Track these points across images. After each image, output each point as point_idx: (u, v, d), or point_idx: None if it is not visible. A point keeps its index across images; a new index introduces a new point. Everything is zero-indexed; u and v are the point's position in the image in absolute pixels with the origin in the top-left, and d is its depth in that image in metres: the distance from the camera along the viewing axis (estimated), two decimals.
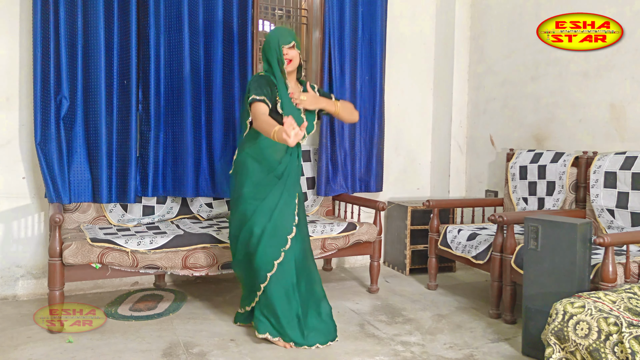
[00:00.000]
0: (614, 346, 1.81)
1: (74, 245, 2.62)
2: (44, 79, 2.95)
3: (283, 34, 2.61)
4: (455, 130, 4.17)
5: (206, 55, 3.29)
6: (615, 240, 2.25)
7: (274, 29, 2.71)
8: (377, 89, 3.89)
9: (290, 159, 2.63)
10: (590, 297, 2.00)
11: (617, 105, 3.10)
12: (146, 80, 3.18)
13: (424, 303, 3.22)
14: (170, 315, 2.91)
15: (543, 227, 2.37)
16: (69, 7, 3.00)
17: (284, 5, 4.00)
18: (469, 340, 2.64)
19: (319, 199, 3.79)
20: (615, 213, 2.87)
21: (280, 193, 2.57)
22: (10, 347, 2.45)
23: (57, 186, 2.97)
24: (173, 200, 3.39)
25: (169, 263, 2.79)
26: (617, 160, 2.93)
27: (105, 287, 3.37)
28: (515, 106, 3.78)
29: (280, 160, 2.59)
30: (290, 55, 2.60)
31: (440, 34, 4.26)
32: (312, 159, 3.79)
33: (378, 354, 2.45)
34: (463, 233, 3.27)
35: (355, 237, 3.29)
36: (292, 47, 2.61)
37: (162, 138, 3.25)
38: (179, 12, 3.20)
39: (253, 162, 2.58)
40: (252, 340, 2.57)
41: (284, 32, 2.63)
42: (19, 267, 3.19)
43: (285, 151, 2.60)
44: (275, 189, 2.56)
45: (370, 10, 3.83)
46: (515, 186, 3.48)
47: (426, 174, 4.38)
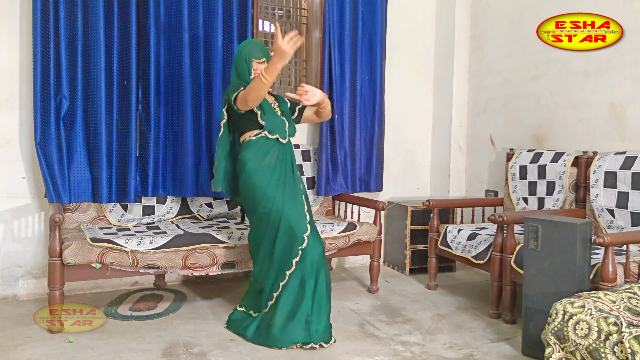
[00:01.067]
0: (614, 346, 1.81)
1: (74, 245, 2.62)
2: (44, 79, 2.95)
3: (255, 49, 2.68)
4: (455, 130, 4.17)
5: (206, 55, 3.29)
6: (615, 240, 2.25)
7: (246, 41, 2.78)
8: (377, 89, 3.89)
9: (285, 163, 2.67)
10: (590, 297, 2.00)
11: (617, 105, 3.10)
12: (146, 80, 3.19)
13: (424, 303, 3.22)
14: (170, 315, 2.91)
15: (543, 227, 2.37)
16: (69, 7, 3.00)
17: (284, 5, 4.00)
18: (469, 340, 2.64)
19: (319, 199, 3.79)
20: (615, 213, 2.87)
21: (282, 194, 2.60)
22: (10, 347, 2.45)
23: (57, 186, 2.97)
24: (173, 200, 3.39)
25: (169, 263, 2.80)
26: (617, 160, 2.93)
27: (105, 287, 3.37)
28: (515, 106, 3.78)
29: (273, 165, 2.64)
30: (260, 70, 2.62)
31: (440, 33, 4.26)
32: (312, 159, 3.79)
33: (378, 354, 2.45)
34: (463, 233, 3.27)
35: (355, 237, 3.29)
36: (262, 63, 2.67)
37: (162, 138, 3.25)
38: (179, 12, 3.20)
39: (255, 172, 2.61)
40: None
41: (255, 46, 2.70)
42: (19, 266, 3.19)
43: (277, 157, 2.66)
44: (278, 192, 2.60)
45: (370, 10, 3.83)
46: (515, 186, 3.48)
47: (426, 173, 4.38)
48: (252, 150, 2.63)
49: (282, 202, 2.57)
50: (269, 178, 2.61)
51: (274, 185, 2.60)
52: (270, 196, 2.57)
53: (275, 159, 2.65)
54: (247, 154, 2.63)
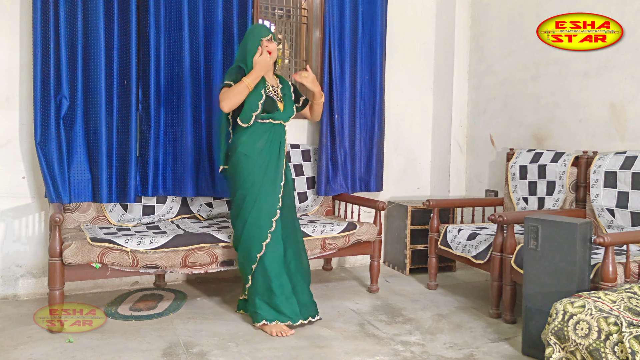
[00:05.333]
0: (614, 346, 1.81)
1: (74, 245, 2.62)
2: (44, 79, 2.95)
3: (262, 29, 2.84)
4: (455, 129, 4.17)
5: (206, 55, 3.29)
6: (615, 240, 2.25)
7: (254, 25, 2.99)
8: (377, 88, 3.89)
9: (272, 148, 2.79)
10: (590, 296, 2.00)
11: (617, 104, 3.10)
12: (146, 80, 3.19)
13: (424, 303, 3.23)
14: (170, 315, 2.91)
15: (543, 227, 2.37)
16: (69, 7, 3.00)
17: (284, 5, 4.00)
18: (469, 340, 2.64)
19: (319, 199, 3.79)
20: (615, 213, 2.87)
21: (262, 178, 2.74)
22: (11, 347, 2.45)
23: (57, 186, 2.97)
24: (173, 200, 3.39)
25: (169, 263, 2.80)
26: (617, 159, 2.93)
27: (105, 286, 3.37)
28: (515, 106, 3.78)
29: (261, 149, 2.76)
30: (270, 47, 2.79)
31: (440, 33, 4.26)
32: (312, 159, 3.79)
33: (378, 354, 2.45)
34: (463, 233, 3.27)
35: (355, 236, 3.29)
36: (270, 40, 2.81)
37: (162, 138, 3.25)
38: (179, 12, 3.20)
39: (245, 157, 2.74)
40: (252, 340, 2.57)
41: (262, 26, 2.88)
42: (19, 266, 3.19)
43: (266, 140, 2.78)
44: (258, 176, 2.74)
45: (370, 10, 3.83)
46: (515, 186, 3.48)
47: (426, 173, 4.38)
48: (246, 132, 2.76)
49: (260, 186, 2.72)
50: (255, 162, 2.74)
51: (257, 169, 2.74)
52: (250, 180, 2.72)
53: (265, 142, 2.77)
54: (240, 137, 2.77)
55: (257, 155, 2.73)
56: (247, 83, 2.66)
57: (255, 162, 2.73)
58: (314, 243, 3.15)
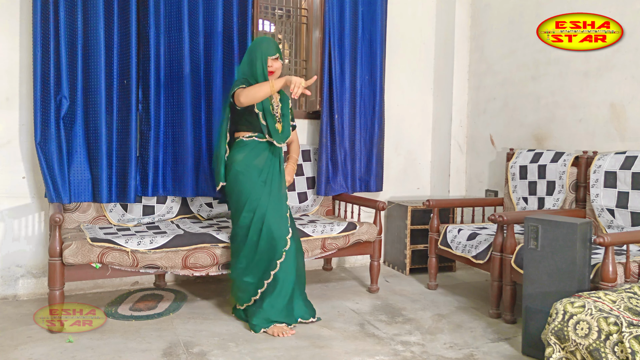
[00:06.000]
0: (614, 346, 1.81)
1: (74, 245, 2.62)
2: (44, 79, 2.95)
3: (269, 46, 2.77)
4: (455, 129, 4.17)
5: (206, 55, 3.29)
6: (615, 240, 2.25)
7: (260, 39, 2.87)
8: (377, 89, 3.89)
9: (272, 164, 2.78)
10: (590, 296, 2.00)
11: (617, 104, 3.10)
12: (146, 80, 3.19)
13: (424, 303, 3.23)
14: (170, 315, 2.91)
15: (543, 227, 2.37)
16: (69, 7, 3.00)
17: (284, 5, 4.00)
18: (469, 340, 2.64)
19: (319, 199, 3.79)
20: (615, 213, 2.87)
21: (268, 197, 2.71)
22: (11, 347, 2.45)
23: (57, 186, 2.97)
24: (173, 200, 3.39)
25: (169, 263, 2.80)
26: (617, 159, 2.93)
27: (105, 286, 3.37)
28: (515, 106, 3.78)
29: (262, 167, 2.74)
30: (274, 67, 2.77)
31: (440, 33, 4.26)
32: (312, 159, 3.79)
33: (378, 354, 2.45)
34: (463, 233, 3.27)
35: (355, 236, 3.29)
36: (276, 59, 2.77)
37: (162, 138, 3.25)
38: (179, 12, 3.20)
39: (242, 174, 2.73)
40: (252, 340, 2.57)
41: (270, 43, 2.79)
42: (19, 266, 3.19)
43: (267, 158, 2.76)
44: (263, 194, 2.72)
45: (370, 10, 3.82)
46: (515, 186, 3.48)
47: (426, 173, 4.38)
48: (244, 150, 2.74)
49: (266, 206, 2.68)
50: (255, 180, 2.70)
51: (260, 188, 2.70)
52: (254, 199, 2.68)
53: (264, 160, 2.75)
54: (237, 154, 2.74)
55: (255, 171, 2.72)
56: (271, 83, 2.59)
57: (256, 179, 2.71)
58: (314, 243, 3.15)
